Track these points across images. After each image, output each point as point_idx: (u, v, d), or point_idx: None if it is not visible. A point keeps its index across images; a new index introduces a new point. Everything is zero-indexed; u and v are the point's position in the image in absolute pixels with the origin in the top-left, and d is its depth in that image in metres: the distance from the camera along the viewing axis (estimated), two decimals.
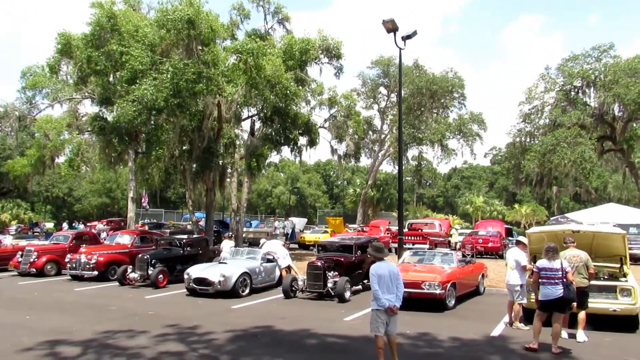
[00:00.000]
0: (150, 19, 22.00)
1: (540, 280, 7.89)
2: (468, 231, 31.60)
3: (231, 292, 13.04)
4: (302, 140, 27.41)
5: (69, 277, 16.64)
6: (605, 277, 9.80)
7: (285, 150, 30.14)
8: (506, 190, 76.67)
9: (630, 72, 28.62)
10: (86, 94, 23.82)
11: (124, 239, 18.44)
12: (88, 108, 39.87)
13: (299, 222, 36.01)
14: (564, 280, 7.81)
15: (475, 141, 39.14)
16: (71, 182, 55.74)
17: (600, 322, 9.17)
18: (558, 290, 7.76)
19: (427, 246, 23.01)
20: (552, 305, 7.81)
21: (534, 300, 8.37)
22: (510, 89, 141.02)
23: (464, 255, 18.81)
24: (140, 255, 15.50)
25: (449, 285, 11.37)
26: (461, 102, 39.32)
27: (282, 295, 13.19)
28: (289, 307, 12.02)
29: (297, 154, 28.61)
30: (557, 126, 30.03)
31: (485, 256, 23.80)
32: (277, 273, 15.07)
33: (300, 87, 24.17)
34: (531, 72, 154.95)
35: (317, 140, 27.95)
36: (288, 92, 21.54)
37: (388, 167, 51.47)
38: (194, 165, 23.63)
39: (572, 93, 31.34)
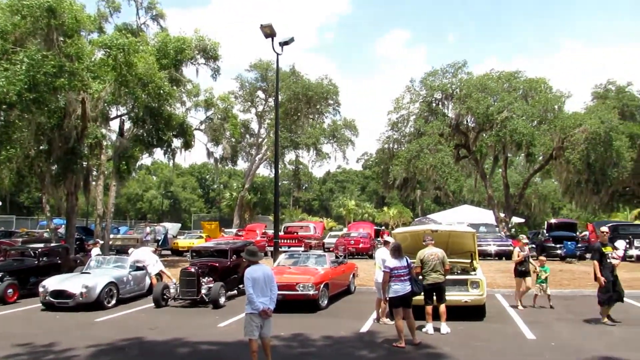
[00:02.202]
0: (1, 3, 19.71)
1: (390, 278, 8.46)
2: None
3: (95, 304, 12.13)
4: (177, 143, 26.56)
5: None
6: (459, 271, 10.85)
7: (158, 153, 29.05)
8: (376, 193, 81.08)
9: (481, 87, 31.99)
10: None
11: None
12: None
13: (172, 227, 34.70)
14: (411, 276, 8.52)
15: (348, 146, 41.04)
16: None
17: (454, 312, 10.07)
18: (407, 287, 8.41)
19: (302, 249, 23.50)
20: (402, 300, 8.41)
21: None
22: (381, 98, 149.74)
23: (336, 256, 19.53)
24: None
25: (322, 286, 11.73)
26: (335, 108, 40.95)
27: (152, 304, 12.59)
28: (161, 317, 11.51)
29: (171, 156, 27.68)
30: (420, 134, 32.49)
31: (356, 256, 24.94)
32: (148, 281, 14.35)
33: (175, 87, 23.39)
34: (400, 83, 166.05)
35: (193, 142, 27.26)
36: (161, 91, 20.71)
37: (265, 171, 51.72)
38: (54, 167, 21.60)
39: (434, 104, 34.16)
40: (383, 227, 40.44)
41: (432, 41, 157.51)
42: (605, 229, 10.71)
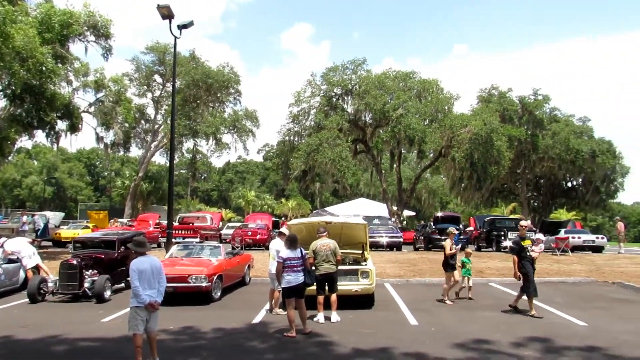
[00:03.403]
0: None
1: (284, 268, 8.55)
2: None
3: None
4: (61, 125, 24.59)
5: None
6: (351, 262, 11.19)
7: (40, 135, 26.60)
8: (276, 185, 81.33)
9: (379, 85, 33.27)
10: None
11: None
12: None
13: (54, 216, 31.98)
14: (305, 267, 8.66)
15: (249, 137, 40.62)
16: None
17: (344, 301, 10.37)
18: (300, 277, 8.54)
19: (197, 240, 22.91)
20: (294, 291, 8.52)
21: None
22: (285, 90, 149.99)
23: (233, 248, 19.29)
24: None
25: (215, 277, 11.52)
26: (237, 98, 40.28)
27: (27, 300, 11.55)
28: (36, 313, 10.59)
29: (55, 139, 25.58)
30: (320, 128, 33.09)
31: (253, 248, 24.83)
32: (22, 275, 13.14)
33: (60, 65, 21.56)
34: (303, 76, 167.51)
35: (80, 125, 25.41)
36: (44, 68, 18.98)
37: (161, 159, 49.74)
38: None
39: (334, 99, 34.94)
40: (283, 218, 40.64)
41: (336, 38, 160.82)
42: (524, 223, 10.74)
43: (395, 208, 37.05)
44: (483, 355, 7.29)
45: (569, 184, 46.24)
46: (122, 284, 13.24)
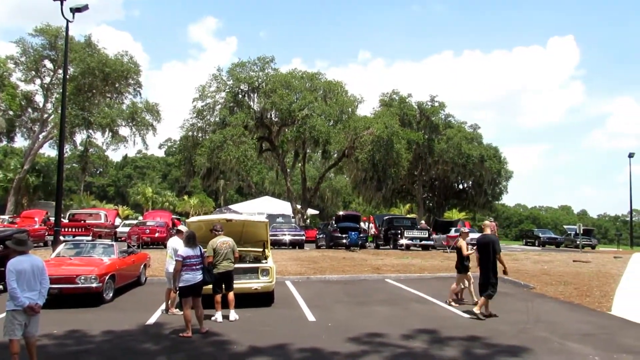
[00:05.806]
0: None
1: (182, 267, 8.35)
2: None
3: None
4: None
5: None
6: (251, 260, 11.15)
7: None
8: (178, 181, 78.61)
9: (285, 84, 33.42)
10: None
11: None
12: None
13: None
14: (203, 265, 8.55)
15: (149, 131, 38.88)
16: None
17: (244, 299, 10.32)
18: (198, 276, 8.41)
19: (89, 238, 21.55)
20: (192, 289, 8.37)
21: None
22: (188, 85, 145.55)
23: (129, 246, 18.39)
24: None
25: (107, 277, 10.92)
26: (136, 89, 38.39)
27: None
28: None
29: None
30: (225, 125, 32.54)
31: (152, 246, 23.86)
32: None
33: None
34: (207, 71, 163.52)
35: None
36: None
37: (51, 151, 46.09)
38: None
39: (240, 96, 34.51)
40: (174, 217, 39.29)
41: (243, 35, 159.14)
42: (489, 222, 10.64)
43: (299, 207, 37.42)
44: (375, 348, 7.61)
45: (461, 186, 49.56)
46: (0, 287, 12.11)
